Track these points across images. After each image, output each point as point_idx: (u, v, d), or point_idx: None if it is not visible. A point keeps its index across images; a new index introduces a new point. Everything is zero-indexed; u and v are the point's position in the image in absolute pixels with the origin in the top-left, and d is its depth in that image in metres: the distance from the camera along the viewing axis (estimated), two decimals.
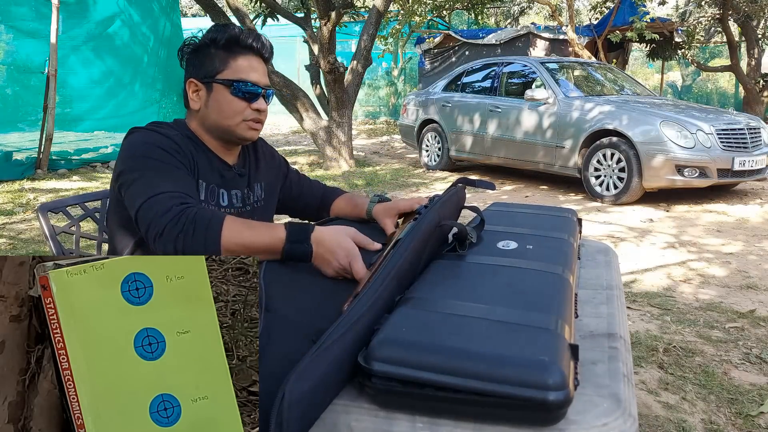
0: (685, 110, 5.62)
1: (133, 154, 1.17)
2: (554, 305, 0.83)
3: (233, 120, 1.26)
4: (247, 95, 1.26)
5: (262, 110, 1.28)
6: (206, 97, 1.27)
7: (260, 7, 7.88)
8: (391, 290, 0.84)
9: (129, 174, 1.15)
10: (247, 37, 1.27)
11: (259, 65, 1.29)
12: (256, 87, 1.26)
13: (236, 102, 1.26)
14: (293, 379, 0.63)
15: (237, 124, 1.27)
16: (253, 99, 1.26)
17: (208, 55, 1.26)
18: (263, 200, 1.41)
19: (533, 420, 0.67)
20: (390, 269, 0.84)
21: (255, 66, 1.28)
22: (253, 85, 1.26)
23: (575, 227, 1.28)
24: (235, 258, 0.79)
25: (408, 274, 0.92)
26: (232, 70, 1.25)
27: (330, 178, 6.61)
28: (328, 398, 0.72)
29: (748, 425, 1.94)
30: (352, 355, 0.74)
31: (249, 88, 1.26)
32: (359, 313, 0.75)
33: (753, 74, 10.34)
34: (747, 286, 3.26)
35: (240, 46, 1.26)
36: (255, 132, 1.30)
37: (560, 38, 11.17)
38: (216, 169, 1.30)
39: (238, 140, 1.31)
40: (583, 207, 5.26)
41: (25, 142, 7.47)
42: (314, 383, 0.66)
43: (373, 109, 14.73)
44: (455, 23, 15.48)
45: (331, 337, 0.70)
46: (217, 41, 1.26)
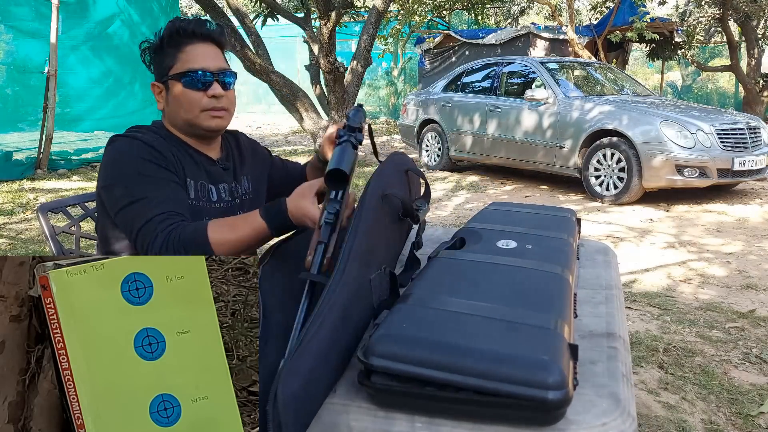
0: (685, 110, 5.62)
1: (119, 170, 1.18)
2: (554, 305, 0.83)
3: (192, 112, 1.24)
4: (199, 84, 1.23)
5: (218, 96, 1.24)
6: (167, 96, 1.27)
7: (260, 7, 7.88)
8: (356, 273, 0.83)
9: (116, 192, 1.16)
10: (188, 25, 1.24)
11: (209, 50, 1.26)
12: (205, 74, 1.23)
13: (190, 93, 1.23)
14: (282, 379, 0.63)
15: (197, 116, 1.25)
16: (206, 87, 1.24)
17: (160, 54, 1.26)
18: (251, 193, 1.40)
19: (532, 420, 0.67)
20: (348, 252, 0.83)
21: (203, 53, 1.25)
22: (202, 72, 1.23)
23: (574, 227, 1.28)
24: (236, 258, 0.79)
25: (370, 251, 0.90)
26: (181, 62, 1.24)
27: None
28: (321, 393, 0.72)
29: (748, 425, 1.94)
30: (334, 346, 0.74)
31: (199, 77, 1.23)
32: (329, 303, 0.74)
33: (753, 74, 10.34)
34: (747, 286, 3.26)
35: (184, 37, 1.24)
36: (219, 120, 1.27)
37: (560, 38, 11.17)
38: (201, 164, 1.29)
39: (204, 132, 1.28)
40: (583, 207, 5.26)
41: (25, 142, 7.47)
42: (304, 380, 0.66)
43: (373, 109, 14.73)
44: (455, 23, 15.48)
45: (310, 331, 0.70)
46: (163, 38, 1.25)
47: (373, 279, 0.89)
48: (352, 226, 0.87)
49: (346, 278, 0.80)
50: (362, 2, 12.30)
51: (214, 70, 1.24)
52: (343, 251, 0.83)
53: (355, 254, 0.83)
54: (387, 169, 1.09)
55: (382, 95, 14.76)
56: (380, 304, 0.90)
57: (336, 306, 0.76)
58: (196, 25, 1.25)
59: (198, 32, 1.25)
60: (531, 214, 1.34)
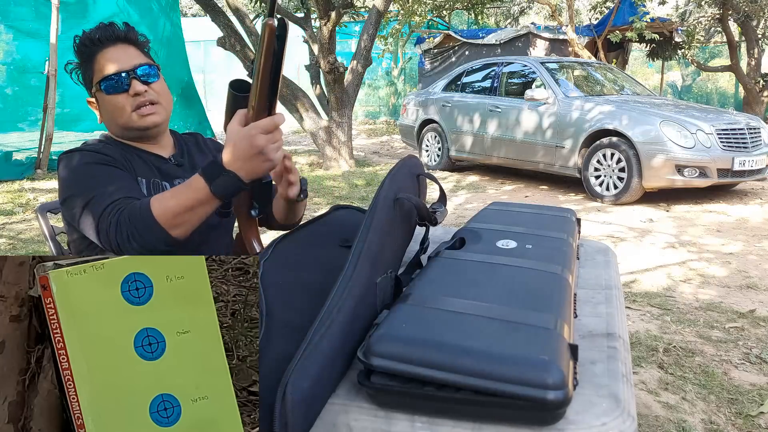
0: (685, 110, 5.62)
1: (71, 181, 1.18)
2: (553, 304, 0.83)
3: (122, 116, 1.23)
4: (118, 87, 1.22)
5: (140, 92, 1.22)
6: (99, 108, 1.27)
7: (260, 7, 7.88)
8: (366, 274, 0.83)
9: (71, 202, 1.16)
10: (93, 34, 1.23)
11: (118, 52, 1.23)
12: (118, 75, 1.21)
13: (114, 99, 1.22)
14: (293, 379, 0.64)
15: (128, 119, 1.24)
16: (126, 87, 1.22)
17: (83, 70, 1.26)
18: None
19: (532, 420, 0.67)
20: (358, 253, 0.83)
21: (113, 56, 1.23)
22: (116, 74, 1.21)
23: (574, 227, 1.28)
24: (236, 258, 0.79)
25: (381, 252, 0.90)
26: (97, 72, 1.23)
27: (330, 178, 6.61)
28: (327, 394, 0.72)
29: (748, 425, 1.94)
30: (342, 348, 0.74)
31: (114, 79, 1.21)
32: (338, 304, 0.75)
33: (753, 74, 10.33)
34: (747, 286, 3.26)
35: (93, 46, 1.23)
36: (152, 116, 1.25)
37: (560, 38, 11.17)
38: (150, 163, 1.28)
39: (141, 132, 1.26)
40: (583, 207, 5.26)
41: (25, 142, 7.47)
42: (313, 380, 0.67)
43: (373, 109, 14.73)
44: (455, 23, 15.48)
45: (319, 332, 0.70)
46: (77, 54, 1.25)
47: (379, 282, 0.89)
48: (363, 225, 0.87)
49: (356, 280, 0.80)
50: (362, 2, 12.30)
51: (128, 68, 1.22)
52: (353, 251, 0.83)
53: (365, 256, 0.83)
54: (400, 172, 1.08)
55: (382, 95, 14.76)
56: (382, 306, 0.90)
57: (345, 307, 0.76)
58: (101, 31, 1.24)
59: (103, 37, 1.23)
60: (531, 214, 1.34)
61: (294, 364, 0.65)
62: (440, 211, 1.18)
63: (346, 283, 0.78)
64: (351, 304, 0.77)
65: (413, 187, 1.20)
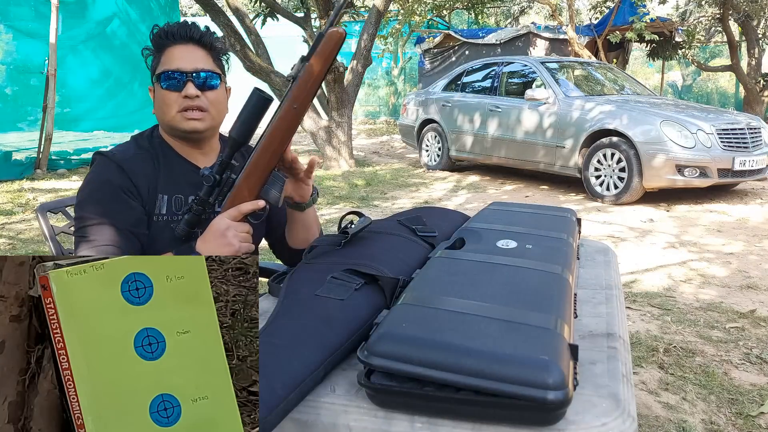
0: (686, 110, 5.62)
1: (85, 192, 1.23)
2: (553, 305, 0.83)
3: (169, 113, 1.24)
4: (173, 84, 1.23)
5: (191, 96, 1.23)
6: (154, 98, 1.28)
7: (260, 7, 7.88)
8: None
9: (77, 212, 1.22)
10: (170, 28, 1.25)
11: (187, 51, 1.24)
12: (178, 72, 1.22)
13: (166, 94, 1.23)
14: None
15: (173, 117, 1.24)
16: (180, 87, 1.23)
17: (153, 59, 1.28)
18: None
19: (532, 420, 0.67)
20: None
21: (180, 54, 1.24)
22: (175, 72, 1.22)
23: (574, 227, 1.28)
24: (236, 258, 0.79)
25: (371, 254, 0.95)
26: (161, 64, 1.24)
27: (330, 178, 6.61)
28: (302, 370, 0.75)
29: (749, 425, 1.94)
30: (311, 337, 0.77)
31: (171, 76, 1.22)
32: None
33: (753, 74, 10.33)
34: (747, 286, 3.26)
35: (165, 39, 1.25)
36: (195, 122, 1.25)
37: (560, 38, 11.17)
38: (182, 175, 1.28)
39: (182, 134, 1.27)
40: (584, 207, 5.26)
41: (25, 142, 7.48)
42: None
43: (373, 108, 14.73)
44: (455, 23, 15.48)
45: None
46: (153, 43, 1.27)
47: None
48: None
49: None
50: (362, 2, 12.30)
51: (189, 70, 1.23)
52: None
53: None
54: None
55: (382, 95, 14.76)
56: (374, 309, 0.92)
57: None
58: (179, 27, 1.25)
59: (178, 34, 1.24)
60: (531, 214, 1.34)
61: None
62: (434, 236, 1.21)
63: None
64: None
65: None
